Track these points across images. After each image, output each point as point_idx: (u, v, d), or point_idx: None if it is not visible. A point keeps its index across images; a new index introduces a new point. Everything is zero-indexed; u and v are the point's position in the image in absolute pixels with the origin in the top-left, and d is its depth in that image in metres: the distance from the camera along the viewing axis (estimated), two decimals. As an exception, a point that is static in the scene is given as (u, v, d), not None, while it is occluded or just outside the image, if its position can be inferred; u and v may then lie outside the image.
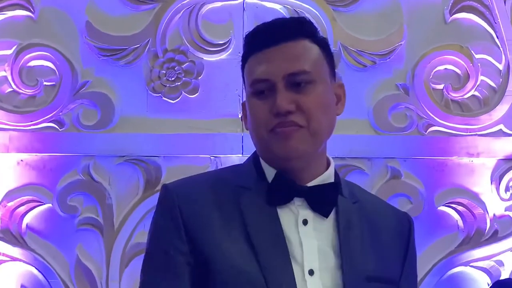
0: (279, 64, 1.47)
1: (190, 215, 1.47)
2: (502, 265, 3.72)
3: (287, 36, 1.50)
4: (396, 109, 3.80)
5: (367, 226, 1.52)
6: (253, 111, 1.49)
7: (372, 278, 1.47)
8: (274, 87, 1.47)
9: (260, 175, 1.51)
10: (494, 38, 3.85)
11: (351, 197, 1.54)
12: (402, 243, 1.57)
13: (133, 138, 3.78)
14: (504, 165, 3.77)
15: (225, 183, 1.51)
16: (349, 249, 1.46)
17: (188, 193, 1.50)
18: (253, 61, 1.50)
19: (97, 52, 3.83)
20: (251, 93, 1.50)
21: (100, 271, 3.71)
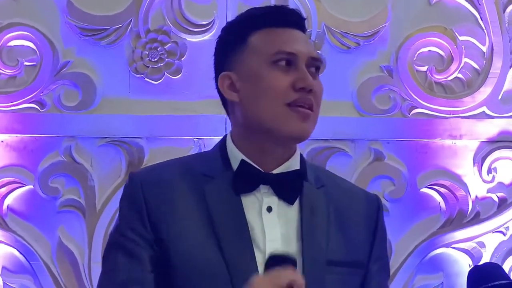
0: (304, 44, 1.49)
1: (154, 203, 1.46)
2: (483, 247, 3.68)
3: (298, 25, 1.52)
4: (380, 91, 3.72)
5: (333, 211, 1.50)
6: (271, 81, 1.44)
7: (334, 262, 1.46)
8: (296, 63, 1.46)
9: (225, 163, 1.49)
10: (478, 20, 3.77)
11: (316, 182, 1.52)
12: (371, 225, 1.54)
13: (115, 119, 3.68)
14: (487, 147, 3.72)
15: (190, 171, 1.49)
16: (310, 234, 1.45)
17: (153, 180, 1.48)
18: (271, 34, 1.48)
19: (78, 32, 3.71)
20: (271, 63, 1.45)
21: (82, 253, 3.62)
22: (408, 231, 3.65)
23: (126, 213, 1.49)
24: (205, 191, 1.46)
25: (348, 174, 3.65)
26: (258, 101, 1.44)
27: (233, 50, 1.50)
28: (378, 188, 3.67)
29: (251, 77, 1.46)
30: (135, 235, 1.45)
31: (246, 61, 1.48)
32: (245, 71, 1.48)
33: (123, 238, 1.47)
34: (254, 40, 1.48)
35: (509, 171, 3.72)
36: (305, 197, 1.48)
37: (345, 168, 3.67)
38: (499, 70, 3.74)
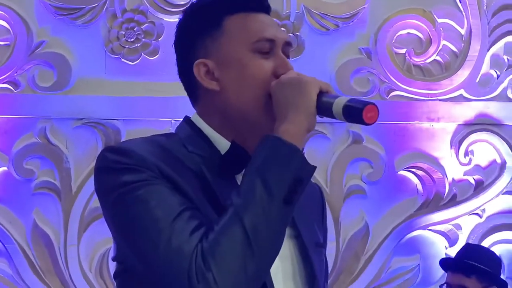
0: (279, 30, 1.47)
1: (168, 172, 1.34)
2: (459, 229, 3.65)
3: (267, 9, 1.50)
4: (358, 73, 3.66)
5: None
6: (255, 68, 1.41)
7: (317, 244, 1.49)
8: (274, 49, 1.43)
9: (207, 143, 1.42)
10: (457, 3, 3.71)
11: None
12: (319, 211, 1.58)
13: (91, 100, 3.58)
14: (464, 130, 3.68)
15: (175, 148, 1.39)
16: (301, 219, 1.45)
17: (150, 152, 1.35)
18: (247, 20, 1.44)
19: (53, 11, 3.59)
20: (252, 50, 1.42)
21: (58, 236, 3.53)
22: (386, 213, 3.62)
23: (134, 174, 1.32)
24: (203, 169, 1.38)
25: (326, 157, 3.60)
26: (241, 90, 1.41)
27: (207, 35, 1.43)
28: (356, 171, 3.62)
29: (232, 65, 1.41)
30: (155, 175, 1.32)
31: (224, 48, 1.42)
32: (224, 59, 1.42)
33: (142, 183, 1.32)
34: (230, 25, 1.43)
35: (485, 154, 3.68)
36: None
37: (323, 151, 3.61)
38: (477, 53, 3.69)
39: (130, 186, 1.31)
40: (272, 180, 1.30)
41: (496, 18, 3.72)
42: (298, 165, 1.32)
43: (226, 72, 1.41)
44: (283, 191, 1.30)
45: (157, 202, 1.30)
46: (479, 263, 3.01)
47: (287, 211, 1.32)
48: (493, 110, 3.69)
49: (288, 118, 1.35)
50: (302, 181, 1.32)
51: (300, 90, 1.36)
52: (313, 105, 1.36)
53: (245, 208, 1.29)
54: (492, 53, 3.72)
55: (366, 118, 1.36)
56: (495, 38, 3.71)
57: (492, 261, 3.08)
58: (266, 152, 1.33)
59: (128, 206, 1.31)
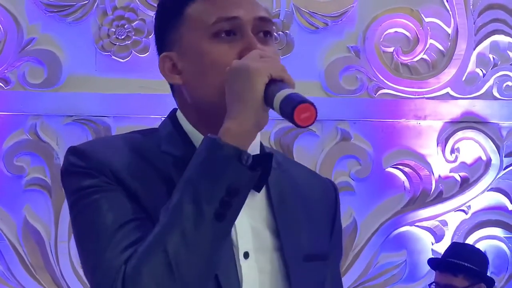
0: (248, 5, 1.27)
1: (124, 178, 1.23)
2: (445, 225, 3.67)
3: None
4: (347, 71, 3.66)
5: (299, 197, 1.34)
6: (213, 55, 1.24)
7: (308, 256, 1.31)
8: (241, 28, 1.25)
9: (185, 142, 1.29)
10: (444, 2, 3.72)
11: (278, 166, 1.33)
12: (330, 212, 1.39)
13: (81, 97, 3.55)
14: (450, 127, 3.69)
15: (147, 148, 1.28)
16: (287, 227, 1.28)
17: (111, 154, 1.25)
18: (208, 2, 1.27)
19: (43, 8, 3.55)
20: (210, 35, 1.25)
21: (48, 232, 3.51)
22: (373, 209, 3.63)
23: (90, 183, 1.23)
24: (171, 172, 1.25)
25: (315, 154, 3.60)
26: (202, 81, 1.25)
27: (170, 26, 1.29)
28: (344, 168, 3.63)
29: (191, 55, 1.26)
30: (108, 181, 1.23)
31: (185, 37, 1.27)
32: (185, 49, 1.27)
33: (92, 189, 1.22)
34: (191, 11, 1.27)
35: (471, 151, 3.70)
36: (271, 183, 1.30)
37: (312, 148, 3.62)
38: (463, 51, 3.70)
39: (83, 192, 1.23)
40: (203, 192, 1.16)
41: (482, 18, 3.73)
42: (234, 173, 1.16)
43: (187, 63, 1.27)
44: (214, 206, 1.15)
45: (104, 210, 1.21)
46: (466, 262, 3.03)
47: (221, 229, 1.17)
48: (479, 108, 3.71)
49: (232, 113, 1.19)
50: (238, 192, 1.16)
51: (246, 80, 1.18)
52: (260, 98, 1.18)
53: (171, 228, 1.16)
54: (478, 52, 3.73)
55: (298, 119, 1.15)
56: (481, 37, 3.73)
57: (478, 259, 3.10)
58: (201, 157, 1.18)
59: (78, 212, 1.24)
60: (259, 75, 1.18)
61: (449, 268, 3.04)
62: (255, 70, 1.18)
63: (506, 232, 3.69)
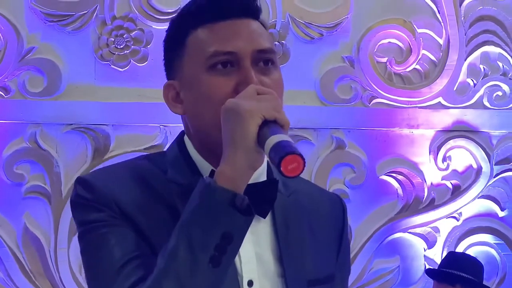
0: (246, 38, 1.23)
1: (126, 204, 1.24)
2: (438, 232, 3.71)
3: (246, 13, 1.27)
4: (341, 81, 3.68)
5: (304, 220, 1.33)
6: (209, 88, 1.22)
7: (313, 281, 1.30)
8: (239, 62, 1.22)
9: (192, 169, 1.27)
10: (436, 13, 3.76)
11: (285, 190, 1.33)
12: (337, 229, 1.39)
13: (81, 106, 3.55)
14: (442, 136, 3.73)
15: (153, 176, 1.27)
16: (290, 254, 1.28)
17: (116, 186, 1.25)
18: (208, 32, 1.24)
19: (43, 17, 3.54)
20: (207, 68, 1.22)
21: (48, 239, 3.50)
22: (367, 216, 3.65)
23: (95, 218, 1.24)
24: (176, 202, 1.23)
25: (310, 162, 3.62)
26: (200, 113, 1.24)
27: (175, 53, 1.27)
28: (339, 175, 3.65)
29: (190, 86, 1.24)
30: (113, 215, 1.23)
31: (185, 66, 1.25)
32: (185, 79, 1.25)
33: (99, 224, 1.23)
34: (192, 41, 1.25)
35: (462, 159, 3.74)
36: (277, 209, 1.29)
37: (308, 156, 3.63)
38: (455, 62, 3.74)
39: (90, 225, 1.23)
40: (197, 239, 1.14)
41: (473, 29, 3.77)
42: (228, 219, 1.14)
43: (187, 94, 1.26)
44: (208, 253, 1.14)
45: (111, 245, 1.21)
46: (463, 271, 3.06)
47: (217, 275, 1.15)
48: (470, 118, 3.75)
49: (225, 156, 1.16)
50: (232, 238, 1.14)
51: (238, 122, 1.15)
52: (252, 140, 1.14)
53: (166, 273, 1.15)
54: (469, 62, 3.77)
55: (285, 170, 1.11)
56: (472, 48, 3.77)
57: (475, 269, 3.13)
58: (195, 202, 1.16)
59: (85, 246, 1.26)
60: (251, 117, 1.14)
61: (447, 278, 3.07)
62: (247, 112, 1.15)
63: (496, 238, 3.73)
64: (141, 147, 3.56)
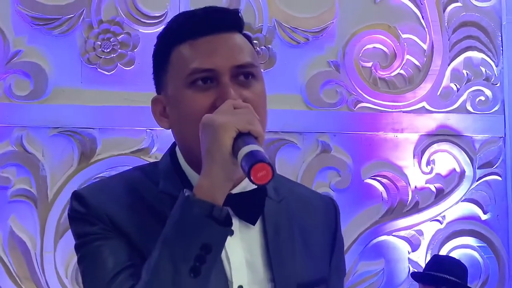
0: (225, 54, 1.25)
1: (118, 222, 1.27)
2: (421, 235, 3.70)
3: (227, 27, 1.27)
4: (327, 85, 3.68)
5: (295, 225, 1.34)
6: (189, 105, 1.24)
7: (302, 285, 1.30)
8: (217, 78, 1.24)
9: (183, 180, 1.29)
10: (420, 19, 3.76)
11: (276, 196, 1.34)
12: (330, 233, 1.38)
13: (67, 109, 3.51)
14: (426, 140, 3.73)
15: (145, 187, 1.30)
16: (279, 259, 1.29)
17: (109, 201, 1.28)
18: (189, 49, 1.26)
19: (29, 21, 3.51)
20: (187, 85, 1.24)
21: (34, 242, 3.46)
22: (352, 219, 3.64)
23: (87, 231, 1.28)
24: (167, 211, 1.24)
25: (296, 166, 3.61)
26: (181, 128, 1.27)
27: (161, 68, 1.29)
28: (324, 179, 3.64)
29: (174, 101, 1.27)
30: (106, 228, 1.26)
31: (170, 82, 1.27)
32: (170, 95, 1.27)
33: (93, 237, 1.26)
34: (174, 57, 1.27)
35: (446, 163, 3.74)
36: (267, 215, 1.30)
37: (293, 160, 3.62)
38: (438, 67, 3.75)
39: (84, 239, 1.27)
40: (178, 251, 1.17)
41: (456, 34, 3.78)
42: (206, 230, 1.17)
43: (171, 109, 1.28)
44: (189, 263, 1.16)
45: (105, 256, 1.25)
46: (448, 274, 3.07)
47: (198, 284, 1.18)
48: (453, 122, 3.75)
49: (204, 169, 1.19)
50: (211, 248, 1.17)
51: (213, 136, 1.18)
52: (227, 152, 1.17)
53: (150, 285, 1.18)
54: (453, 67, 3.78)
55: (254, 177, 1.14)
56: (455, 53, 3.78)
57: (459, 271, 3.14)
58: (176, 215, 1.19)
59: (81, 257, 1.29)
60: (225, 131, 1.17)
61: (432, 281, 3.07)
62: (221, 125, 1.17)
63: (479, 241, 3.73)
64: (128, 150, 3.53)
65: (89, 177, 3.50)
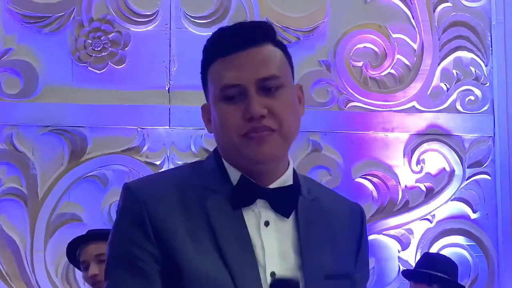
0: (250, 69, 1.37)
1: (157, 218, 1.36)
2: (411, 233, 3.69)
3: (253, 41, 1.39)
4: (318, 84, 3.66)
5: (325, 223, 1.44)
6: (223, 116, 1.38)
7: (329, 276, 1.40)
8: (245, 92, 1.36)
9: (224, 177, 1.41)
10: (410, 19, 3.75)
11: (309, 195, 1.45)
12: (356, 235, 1.48)
13: (57, 107, 3.48)
14: (416, 139, 3.72)
15: (189, 183, 1.40)
16: (309, 249, 1.40)
17: (154, 195, 1.38)
18: (220, 66, 1.39)
19: (20, 19, 3.47)
20: (220, 98, 1.38)
21: (24, 241, 3.42)
22: (343, 218, 3.62)
23: (127, 229, 1.38)
24: (207, 205, 1.37)
25: (287, 165, 3.59)
26: (218, 134, 1.40)
27: (203, 82, 1.44)
28: (315, 178, 3.57)
29: (212, 111, 1.41)
30: (143, 252, 1.35)
31: (210, 93, 1.42)
32: (211, 104, 1.42)
33: (129, 256, 1.35)
34: (210, 74, 1.41)
35: (436, 162, 3.73)
36: (300, 210, 1.42)
37: (284, 159, 3.60)
38: (428, 67, 3.74)
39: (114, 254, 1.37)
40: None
41: (446, 34, 3.77)
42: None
43: (213, 117, 1.42)
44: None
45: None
46: (439, 271, 3.05)
47: None
48: (443, 121, 3.74)
49: None
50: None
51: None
52: None
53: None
54: (442, 67, 3.77)
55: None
56: (445, 53, 3.77)
57: (450, 268, 3.12)
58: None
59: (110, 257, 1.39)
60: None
61: (424, 278, 3.05)
62: None
63: (469, 240, 3.72)
64: (118, 149, 3.50)
65: (80, 175, 3.47)
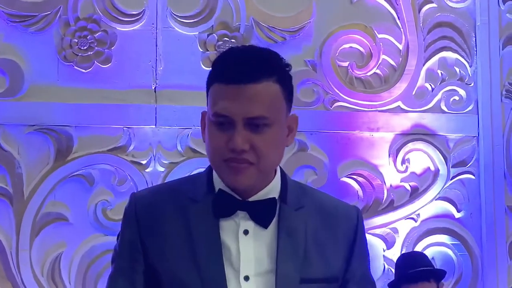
0: (241, 104, 1.43)
1: (146, 227, 1.50)
2: (396, 232, 3.69)
3: (252, 77, 1.43)
4: (304, 84, 3.65)
5: (312, 231, 1.50)
6: (211, 137, 1.47)
7: (308, 280, 1.47)
8: (233, 123, 1.43)
9: (210, 188, 1.50)
10: (396, 19, 3.75)
11: (295, 204, 1.51)
12: (349, 238, 1.52)
13: (43, 107, 3.45)
14: (401, 139, 3.72)
15: (178, 195, 1.51)
16: (285, 255, 1.46)
17: (147, 202, 1.52)
18: (217, 91, 1.45)
19: (5, 17, 3.44)
20: (213, 120, 1.46)
21: (10, 241, 3.39)
22: (328, 218, 3.61)
23: (123, 229, 1.53)
24: (189, 214, 1.48)
25: (273, 164, 3.57)
26: (208, 150, 1.49)
27: (206, 93, 1.50)
28: (301, 177, 3.61)
29: (205, 125, 1.49)
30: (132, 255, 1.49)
31: (207, 108, 1.49)
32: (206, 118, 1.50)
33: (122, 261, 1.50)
34: (210, 92, 1.48)
35: (420, 162, 3.73)
36: (282, 220, 1.48)
37: (270, 158, 3.58)
38: (413, 67, 3.73)
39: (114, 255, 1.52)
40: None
41: (431, 35, 3.77)
42: None
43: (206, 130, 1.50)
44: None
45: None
46: (430, 266, 3.09)
47: None
48: (428, 121, 3.74)
49: None
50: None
51: None
52: None
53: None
54: (427, 67, 3.77)
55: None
56: (430, 53, 3.77)
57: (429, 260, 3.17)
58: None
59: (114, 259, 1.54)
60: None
61: (423, 276, 3.05)
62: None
63: (453, 239, 3.73)
64: (104, 148, 3.47)
65: (65, 175, 3.44)
